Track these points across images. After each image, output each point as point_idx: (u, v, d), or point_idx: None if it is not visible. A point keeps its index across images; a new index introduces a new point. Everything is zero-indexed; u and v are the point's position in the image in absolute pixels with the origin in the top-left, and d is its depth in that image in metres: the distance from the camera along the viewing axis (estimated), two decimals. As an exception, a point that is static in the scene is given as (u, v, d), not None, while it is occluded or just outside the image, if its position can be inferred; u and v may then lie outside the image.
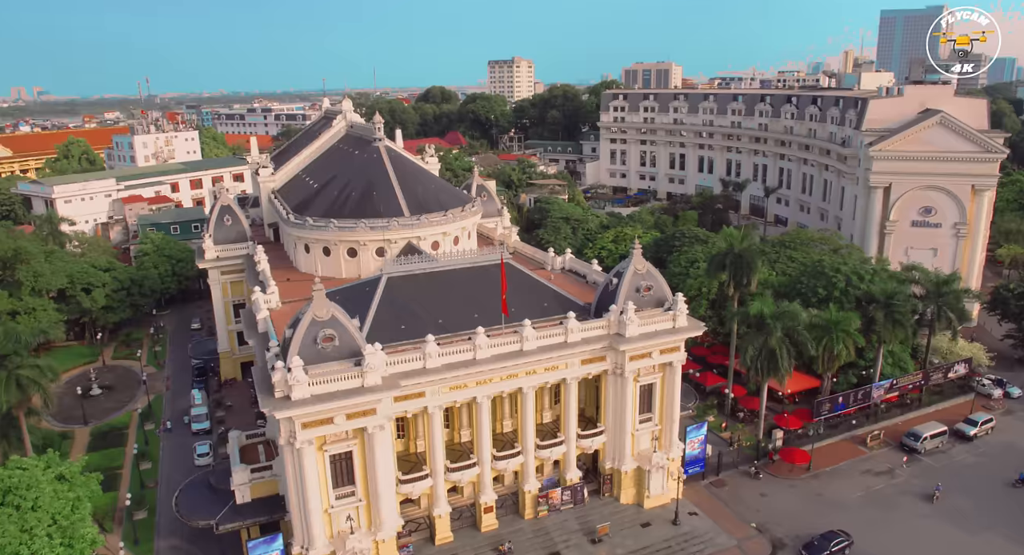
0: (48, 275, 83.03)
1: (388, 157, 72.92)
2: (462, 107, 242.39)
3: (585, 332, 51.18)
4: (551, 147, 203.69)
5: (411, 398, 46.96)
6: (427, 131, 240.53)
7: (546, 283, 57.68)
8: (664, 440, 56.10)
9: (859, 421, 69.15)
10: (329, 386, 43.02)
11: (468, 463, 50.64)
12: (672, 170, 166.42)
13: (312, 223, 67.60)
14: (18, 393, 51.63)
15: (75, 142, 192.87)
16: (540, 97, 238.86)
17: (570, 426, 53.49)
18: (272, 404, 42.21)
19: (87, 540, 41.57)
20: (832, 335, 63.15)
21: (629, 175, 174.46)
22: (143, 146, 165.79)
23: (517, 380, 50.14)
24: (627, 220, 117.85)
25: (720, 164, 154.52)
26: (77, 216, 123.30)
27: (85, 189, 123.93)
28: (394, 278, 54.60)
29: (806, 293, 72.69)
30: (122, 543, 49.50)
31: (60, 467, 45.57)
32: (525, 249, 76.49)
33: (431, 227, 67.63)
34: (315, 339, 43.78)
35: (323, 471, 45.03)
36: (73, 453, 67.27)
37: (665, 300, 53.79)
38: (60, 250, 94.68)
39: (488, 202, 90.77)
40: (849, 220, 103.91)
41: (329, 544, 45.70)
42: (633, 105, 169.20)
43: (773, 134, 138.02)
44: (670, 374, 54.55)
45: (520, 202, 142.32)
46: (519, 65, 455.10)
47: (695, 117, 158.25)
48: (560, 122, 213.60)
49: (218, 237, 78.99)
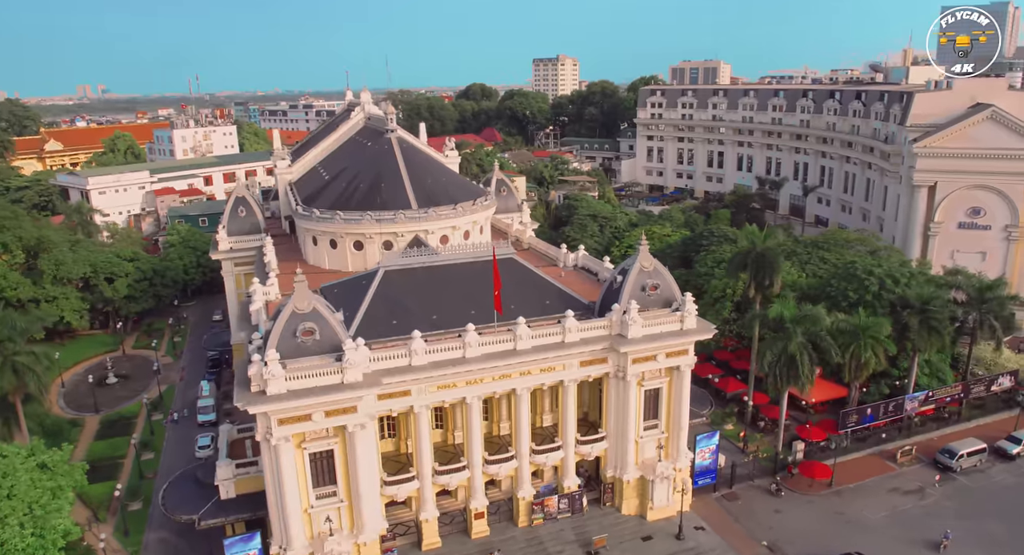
0: (70, 264, 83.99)
1: (399, 149, 71.17)
2: (500, 104, 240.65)
3: (584, 332, 48.43)
4: (588, 144, 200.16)
5: (396, 396, 44.99)
6: (466, 128, 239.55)
7: (550, 280, 55.04)
8: (671, 449, 52.93)
9: (890, 435, 64.52)
10: (307, 382, 41.39)
11: (458, 466, 48.47)
12: (710, 168, 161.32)
13: (319, 215, 66.28)
14: (13, 379, 51.52)
15: (121, 136, 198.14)
16: (579, 94, 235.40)
17: (568, 431, 50.79)
18: (246, 399, 40.78)
19: (59, 531, 40.82)
20: (860, 342, 58.89)
21: (666, 173, 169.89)
22: (181, 140, 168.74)
23: (510, 381, 47.72)
24: (656, 218, 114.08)
25: (760, 162, 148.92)
26: (111, 207, 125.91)
27: (119, 181, 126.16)
28: (391, 272, 52.82)
29: (836, 296, 68.37)
30: (103, 536, 48.73)
31: (43, 455, 45.08)
32: (539, 245, 73.95)
33: (439, 221, 65.60)
34: (294, 332, 42.20)
35: (302, 469, 43.43)
36: (81, 441, 67.62)
37: (673, 300, 50.64)
38: (86, 239, 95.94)
39: (507, 197, 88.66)
40: (891, 221, 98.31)
41: (308, 545, 44.08)
42: (671, 101, 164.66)
43: (815, 131, 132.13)
44: (677, 379, 51.35)
45: (549, 199, 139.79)
46: (563, 63, 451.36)
47: (734, 113, 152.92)
48: (598, 119, 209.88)
49: (232, 228, 78.53)
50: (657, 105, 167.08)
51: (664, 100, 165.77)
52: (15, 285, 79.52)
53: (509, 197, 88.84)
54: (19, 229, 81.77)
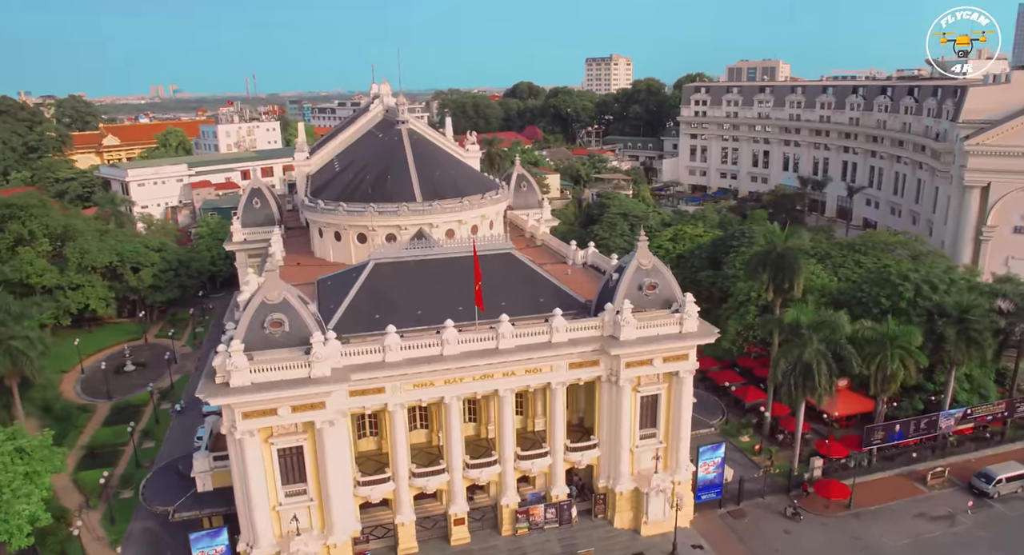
0: (94, 252, 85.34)
1: (408, 140, 69.60)
2: (544, 102, 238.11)
3: (573, 332, 45.58)
4: (631, 143, 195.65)
5: (369, 394, 43.09)
6: (511, 126, 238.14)
7: (547, 277, 52.37)
8: (670, 460, 49.52)
9: (921, 455, 59.35)
10: (272, 374, 39.88)
11: (436, 469, 46.21)
12: (755, 168, 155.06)
13: (323, 206, 65.26)
14: (8, 363, 51.81)
15: (172, 132, 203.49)
16: (624, 92, 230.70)
17: (556, 437, 47.96)
18: (208, 390, 39.51)
19: (24, 516, 40.32)
20: (887, 352, 54.22)
21: (709, 173, 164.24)
22: (225, 135, 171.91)
23: (492, 382, 45.24)
24: (689, 218, 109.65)
25: (807, 162, 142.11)
26: (149, 199, 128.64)
27: (157, 174, 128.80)
28: (382, 265, 51.10)
29: (867, 303, 63.50)
30: (79, 523, 48.31)
31: (22, 440, 44.86)
32: (551, 242, 71.28)
33: (444, 214, 63.72)
34: (263, 323, 40.74)
35: (270, 465, 41.98)
36: (89, 427, 68.23)
37: (673, 301, 47.28)
38: (115, 229, 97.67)
39: (528, 193, 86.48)
40: (941, 225, 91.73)
41: (276, 544, 42.63)
42: (715, 99, 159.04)
43: (864, 129, 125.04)
44: (677, 385, 47.93)
45: (583, 197, 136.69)
46: (617, 62, 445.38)
47: (781, 111, 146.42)
48: (642, 118, 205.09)
49: (246, 220, 78.47)
50: (701, 103, 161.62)
51: (708, 98, 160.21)
52: (41, 272, 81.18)
53: (529, 193, 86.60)
54: (46, 217, 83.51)
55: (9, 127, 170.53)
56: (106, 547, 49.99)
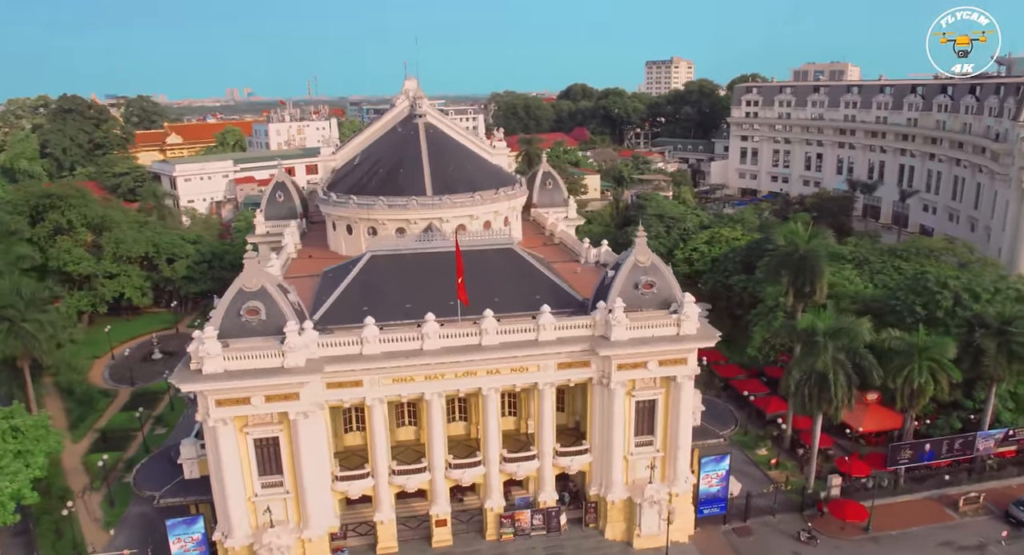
0: (129, 243, 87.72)
1: (424, 134, 68.73)
2: (595, 103, 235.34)
3: (562, 331, 43.55)
4: (681, 145, 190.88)
5: (347, 387, 42.08)
6: (561, 127, 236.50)
7: (547, 273, 50.47)
8: (667, 470, 46.83)
9: (955, 478, 54.70)
10: (246, 363, 39.38)
11: (417, 467, 44.87)
12: (807, 171, 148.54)
13: (335, 199, 64.95)
14: (18, 345, 53.18)
15: (230, 131, 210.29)
16: (676, 93, 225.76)
17: (544, 440, 45.92)
18: (181, 376, 39.36)
19: (7, 493, 40.94)
20: (915, 364, 50.09)
21: (760, 176, 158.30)
22: (276, 134, 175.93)
23: (476, 379, 43.61)
24: (727, 220, 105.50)
25: (861, 165, 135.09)
26: (195, 194, 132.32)
27: (203, 169, 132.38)
28: (378, 257, 50.32)
29: (901, 311, 59.10)
30: (70, 504, 48.91)
31: (17, 419, 45.77)
32: (568, 240, 69.21)
33: (455, 208, 62.48)
34: (239, 311, 40.33)
35: (246, 455, 41.50)
36: (108, 411, 69.80)
37: (671, 301, 44.68)
38: (154, 221, 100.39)
39: (553, 191, 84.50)
40: (999, 231, 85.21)
41: (251, 535, 42.15)
42: (767, 99, 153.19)
43: (923, 130, 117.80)
44: (675, 391, 45.23)
45: (623, 198, 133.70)
46: (678, 65, 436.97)
47: (835, 112, 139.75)
48: (694, 119, 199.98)
49: (269, 213, 78.95)
50: (753, 103, 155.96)
51: (760, 98, 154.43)
52: (78, 260, 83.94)
53: (555, 191, 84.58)
54: (84, 208, 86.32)
55: (77, 125, 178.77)
56: (101, 529, 50.64)
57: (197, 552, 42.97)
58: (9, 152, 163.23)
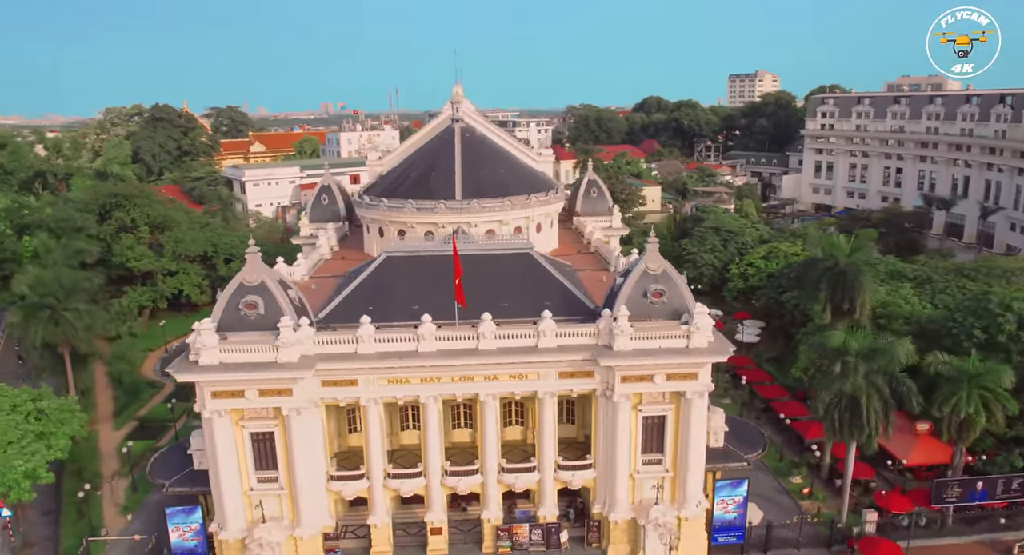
0: (188, 242, 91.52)
1: (460, 139, 68.64)
2: (668, 116, 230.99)
3: (564, 338, 41.87)
4: (754, 158, 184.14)
5: (342, 385, 41.78)
6: (633, 139, 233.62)
7: (561, 280, 48.82)
8: (677, 492, 44.13)
9: (1012, 522, 49.25)
10: (241, 356, 39.79)
11: (412, 472, 44.01)
12: (885, 187, 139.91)
13: (368, 202, 65.70)
14: (57, 332, 55.92)
15: (308, 140, 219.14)
16: (752, 105, 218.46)
17: (545, 452, 44.17)
18: (178, 366, 40.12)
19: (18, 471, 42.67)
20: (963, 392, 45.56)
21: (835, 191, 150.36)
22: (347, 142, 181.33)
23: (473, 385, 42.46)
24: (787, 235, 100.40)
25: (944, 180, 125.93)
26: (263, 199, 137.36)
27: (271, 175, 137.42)
28: (393, 258, 50.18)
29: (957, 334, 54.06)
30: (87, 486, 50.68)
31: (42, 402, 47.85)
32: (603, 248, 67.38)
33: (483, 213, 61.95)
34: (238, 305, 40.79)
35: (242, 448, 41.82)
36: (151, 402, 72.56)
37: (683, 312, 42.23)
38: (215, 222, 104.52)
39: (597, 199, 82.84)
40: (1091, 253, 77.17)
41: (245, 529, 42.30)
42: (844, 111, 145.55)
43: (1012, 143, 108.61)
44: (685, 408, 42.64)
45: (684, 210, 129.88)
46: (762, 78, 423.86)
47: (917, 124, 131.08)
48: (768, 132, 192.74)
49: (313, 215, 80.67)
50: (829, 115, 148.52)
51: (837, 110, 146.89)
52: (139, 257, 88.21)
53: (599, 200, 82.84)
54: (148, 207, 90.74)
55: (166, 132, 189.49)
56: (119, 514, 52.31)
57: (195, 542, 43.58)
58: (104, 157, 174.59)
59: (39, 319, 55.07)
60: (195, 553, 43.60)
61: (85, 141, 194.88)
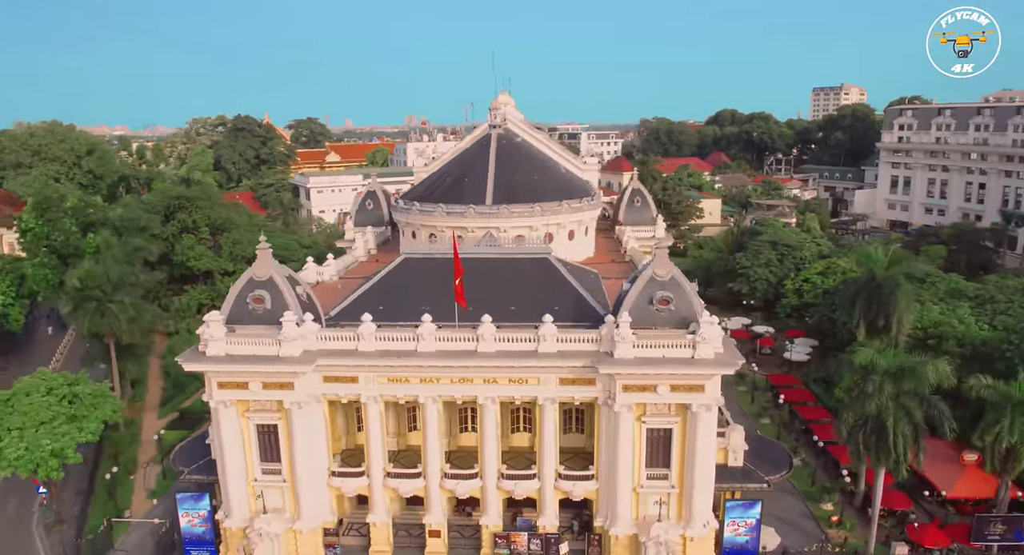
0: (244, 243, 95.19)
1: (496, 145, 68.89)
2: (740, 128, 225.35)
3: (564, 344, 40.99)
4: (828, 173, 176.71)
5: (343, 381, 42.33)
6: (703, 152, 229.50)
7: (576, 285, 47.90)
8: (683, 510, 42.28)
9: (1066, 566, 44.76)
10: (245, 348, 40.96)
11: (412, 472, 43.93)
12: (967, 203, 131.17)
13: (402, 206, 66.80)
14: (103, 322, 59.14)
15: (379, 150, 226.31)
16: (828, 118, 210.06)
17: (545, 460, 43.21)
18: (187, 356, 41.58)
19: (46, 450, 45.14)
20: (1007, 420, 41.84)
21: (912, 207, 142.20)
22: (414, 152, 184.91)
23: (472, 387, 42.11)
24: (848, 251, 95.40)
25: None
26: (327, 205, 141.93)
27: (334, 182, 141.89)
28: (411, 259, 50.78)
29: (1012, 357, 49.82)
30: (115, 469, 53.05)
31: (77, 387, 50.56)
32: (636, 256, 65.88)
33: (512, 218, 61.80)
34: (246, 299, 42.01)
35: (247, 439, 42.89)
36: (196, 394, 75.45)
37: (691, 321, 40.60)
38: (272, 226, 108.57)
39: (641, 209, 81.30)
40: None
41: (247, 518, 43.31)
42: (923, 122, 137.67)
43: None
44: (692, 422, 40.89)
45: (744, 223, 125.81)
46: (848, 92, 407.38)
47: (1002, 136, 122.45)
48: (844, 145, 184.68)
49: (358, 220, 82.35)
50: (906, 127, 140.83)
51: (915, 121, 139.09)
52: (199, 256, 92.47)
53: (643, 209, 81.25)
54: (209, 209, 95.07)
55: (246, 142, 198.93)
56: (147, 498, 54.57)
57: (203, 528, 44.84)
58: (188, 164, 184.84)
59: (86, 309, 58.50)
60: (203, 539, 44.83)
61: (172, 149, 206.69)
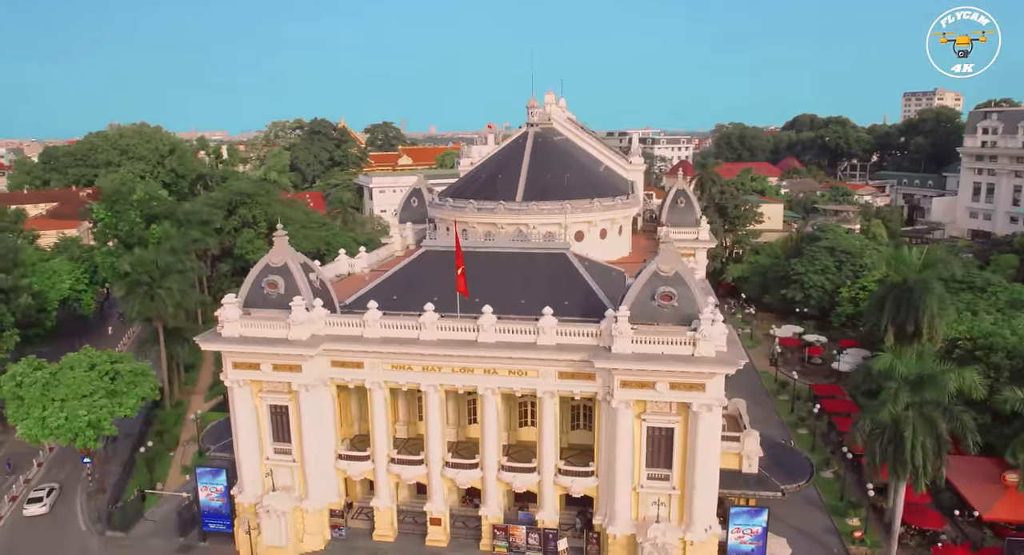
0: (299, 238, 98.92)
1: (531, 143, 69.20)
2: (816, 133, 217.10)
3: (563, 337, 40.84)
4: (907, 179, 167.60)
5: (349, 366, 43.58)
6: (776, 158, 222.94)
7: (589, 281, 47.51)
8: (684, 513, 41.27)
9: (1112, 599, 41.01)
10: (258, 331, 42.80)
11: (414, 459, 44.67)
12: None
13: (436, 202, 68.04)
14: (152, 306, 62.87)
15: (449, 153, 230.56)
16: (908, 123, 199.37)
17: (545, 454, 43.07)
18: (204, 335, 43.75)
19: (83, 420, 48.43)
20: (1039, 435, 38.90)
21: (995, 216, 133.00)
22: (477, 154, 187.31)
23: (472, 377, 42.53)
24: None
25: None
26: (388, 204, 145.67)
27: (396, 183, 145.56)
28: (431, 252, 51.68)
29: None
30: (150, 443, 56.32)
31: (119, 365, 54.00)
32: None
33: (542, 215, 61.98)
34: (262, 283, 43.91)
35: (261, 419, 44.73)
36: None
37: (694, 318, 39.68)
38: (331, 223, 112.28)
39: (685, 211, 79.85)
40: None
41: (258, 494, 45.10)
42: (1009, 126, 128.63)
43: None
44: (693, 422, 39.92)
45: (806, 229, 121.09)
46: (942, 96, 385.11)
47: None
48: (925, 150, 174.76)
49: (402, 216, 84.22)
50: (991, 131, 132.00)
51: (1000, 125, 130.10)
52: (256, 250, 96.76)
53: (687, 211, 79.74)
54: (268, 206, 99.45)
55: (321, 144, 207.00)
56: (180, 473, 57.66)
57: (219, 502, 46.99)
58: (265, 165, 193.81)
59: (136, 294, 62.39)
60: (220, 512, 46.97)
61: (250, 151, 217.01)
